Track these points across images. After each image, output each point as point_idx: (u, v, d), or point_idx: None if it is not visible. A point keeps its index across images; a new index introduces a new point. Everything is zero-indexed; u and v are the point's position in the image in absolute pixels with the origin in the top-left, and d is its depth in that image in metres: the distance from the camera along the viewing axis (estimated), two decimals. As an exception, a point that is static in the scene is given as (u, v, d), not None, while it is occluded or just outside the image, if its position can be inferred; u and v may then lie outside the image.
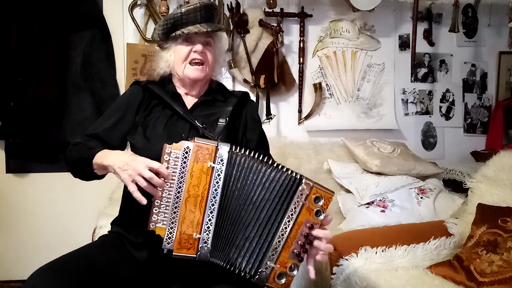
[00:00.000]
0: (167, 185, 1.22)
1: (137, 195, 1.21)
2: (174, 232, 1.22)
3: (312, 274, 1.28)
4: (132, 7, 2.73)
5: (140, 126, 1.48)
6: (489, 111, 3.23)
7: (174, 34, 1.48)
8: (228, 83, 2.86)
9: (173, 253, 1.22)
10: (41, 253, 2.78)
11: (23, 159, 2.81)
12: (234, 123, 1.52)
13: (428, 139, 3.16)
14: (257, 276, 1.26)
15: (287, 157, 2.69)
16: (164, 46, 1.53)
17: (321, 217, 1.26)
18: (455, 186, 2.63)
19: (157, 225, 1.22)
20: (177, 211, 1.22)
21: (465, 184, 2.29)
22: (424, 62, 3.12)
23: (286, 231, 1.25)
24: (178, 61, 1.50)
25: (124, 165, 1.24)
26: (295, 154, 2.74)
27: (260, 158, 1.26)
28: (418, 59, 3.03)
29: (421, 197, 2.47)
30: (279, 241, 1.25)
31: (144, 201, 1.21)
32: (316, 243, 1.26)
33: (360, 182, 2.55)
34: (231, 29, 2.73)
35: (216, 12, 1.55)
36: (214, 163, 1.23)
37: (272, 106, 2.85)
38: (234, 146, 1.26)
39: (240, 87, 2.88)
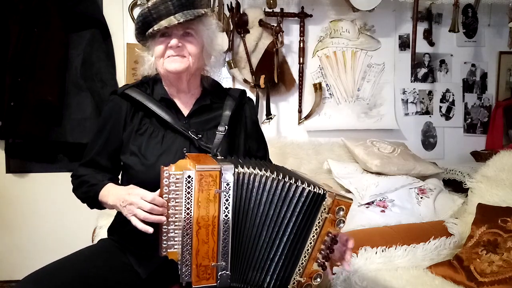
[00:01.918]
0: (172, 209, 1.19)
1: (141, 226, 1.19)
2: (189, 264, 1.18)
3: (331, 276, 1.30)
4: (132, 7, 2.73)
5: (132, 145, 1.38)
6: (489, 111, 3.23)
7: (148, 32, 1.35)
8: (228, 83, 2.86)
9: (193, 286, 1.19)
10: (41, 253, 2.78)
11: (23, 159, 2.81)
12: (234, 130, 1.45)
13: (428, 139, 3.16)
14: None
15: (287, 157, 2.69)
16: (146, 45, 1.42)
17: (342, 225, 1.24)
18: (455, 186, 2.63)
19: (169, 250, 1.20)
20: (189, 243, 1.17)
21: (465, 184, 2.29)
22: (424, 62, 3.12)
23: (311, 245, 1.23)
24: (156, 59, 1.39)
25: (123, 202, 1.24)
26: (295, 154, 2.73)
27: (268, 173, 1.21)
28: (418, 59, 3.03)
29: (421, 197, 2.47)
30: (305, 256, 1.24)
31: (150, 230, 1.19)
32: (347, 255, 1.27)
33: (360, 182, 2.55)
34: (231, 29, 2.73)
35: None
36: (220, 188, 1.17)
37: (272, 106, 2.85)
38: (238, 165, 1.20)
39: (240, 87, 2.87)
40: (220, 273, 1.20)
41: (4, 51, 2.57)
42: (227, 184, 1.18)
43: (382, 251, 1.94)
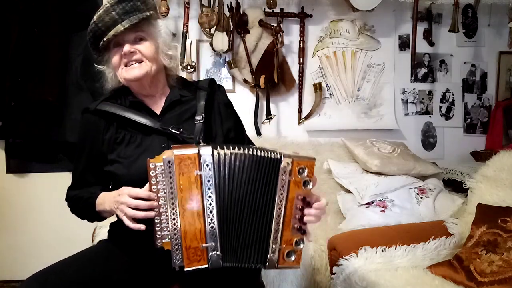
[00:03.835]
0: (162, 199, 1.20)
1: (133, 225, 1.23)
2: (180, 248, 1.21)
3: (310, 238, 1.30)
4: (132, 7, 2.73)
5: (111, 153, 1.40)
6: (489, 111, 3.23)
7: (100, 46, 1.37)
8: (228, 83, 2.86)
9: (185, 269, 1.21)
10: (41, 253, 2.79)
11: (23, 159, 2.82)
12: (210, 117, 1.46)
13: (428, 139, 3.16)
14: (267, 263, 1.27)
15: (287, 157, 2.68)
16: (105, 59, 1.43)
17: (310, 186, 1.27)
18: (455, 186, 2.63)
19: (163, 240, 1.21)
20: (177, 227, 1.20)
21: (465, 184, 2.29)
22: (424, 62, 3.12)
23: (281, 211, 1.26)
24: (115, 70, 1.40)
25: (114, 203, 1.27)
26: (295, 154, 2.73)
27: (241, 150, 1.24)
28: (418, 59, 3.03)
29: (421, 197, 2.47)
30: (277, 223, 1.26)
31: (142, 227, 1.22)
32: (306, 211, 1.28)
33: (360, 182, 2.55)
34: (231, 29, 2.73)
35: (139, 1, 1.37)
36: (200, 170, 1.20)
37: (272, 106, 2.85)
38: (218, 146, 1.23)
39: (240, 87, 2.88)
40: (210, 253, 1.22)
41: (4, 51, 2.57)
42: (207, 165, 1.21)
43: (382, 251, 1.94)
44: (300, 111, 2.95)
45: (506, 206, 1.97)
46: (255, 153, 1.25)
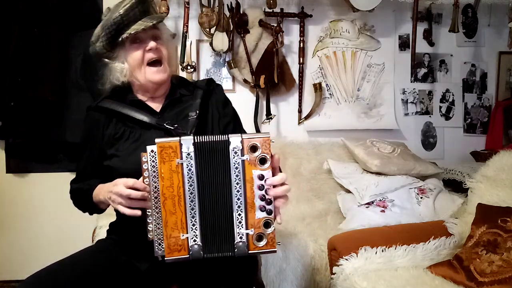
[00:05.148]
0: (152, 191, 1.22)
1: (128, 211, 1.24)
2: (161, 237, 1.21)
3: (279, 220, 1.25)
4: (132, 7, 2.73)
5: (110, 148, 1.44)
6: (489, 111, 3.23)
7: (120, 39, 1.39)
8: (228, 83, 2.86)
9: (165, 258, 1.21)
10: (41, 253, 2.79)
11: (23, 159, 2.82)
12: (206, 113, 1.48)
13: (428, 139, 3.16)
14: (235, 249, 1.23)
15: (287, 157, 2.69)
16: (114, 56, 1.44)
17: (267, 164, 1.23)
18: (455, 186, 2.63)
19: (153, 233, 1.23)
20: (160, 216, 1.21)
21: (465, 184, 2.29)
22: (424, 62, 3.12)
23: (240, 193, 1.22)
24: (135, 67, 1.42)
25: (109, 194, 1.29)
26: (295, 154, 2.74)
27: (217, 138, 1.23)
28: (418, 59, 3.04)
29: (421, 197, 2.47)
30: (238, 206, 1.22)
31: (138, 213, 1.23)
32: (271, 192, 1.23)
33: (360, 182, 2.55)
34: (231, 29, 2.73)
35: (152, 3, 1.47)
36: (181, 159, 1.21)
37: (272, 106, 2.85)
38: (197, 137, 1.23)
39: (240, 87, 2.89)
40: (191, 244, 1.21)
41: (4, 51, 2.57)
42: (188, 154, 1.21)
43: (382, 251, 1.94)
44: (300, 111, 2.95)
45: (506, 206, 1.97)
46: (215, 138, 1.23)
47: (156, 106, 1.49)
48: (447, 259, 1.95)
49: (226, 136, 1.23)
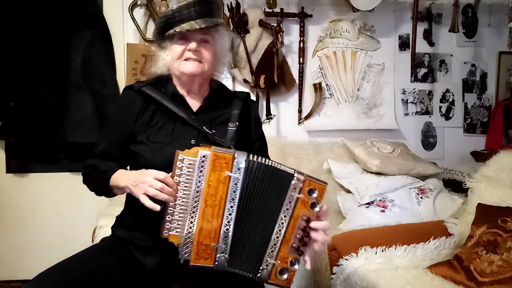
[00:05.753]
0: (180, 192, 1.22)
1: (149, 203, 1.22)
2: (191, 242, 1.22)
3: (308, 265, 1.29)
4: (132, 7, 2.73)
5: (142, 134, 1.43)
6: (489, 111, 3.23)
7: (168, 33, 1.43)
8: (228, 83, 2.86)
9: (190, 263, 1.22)
10: (41, 253, 2.79)
11: (23, 159, 2.81)
12: (243, 127, 1.50)
13: (428, 139, 3.16)
14: (259, 274, 1.26)
15: (287, 157, 2.69)
16: (162, 45, 1.49)
17: (317, 209, 1.27)
18: (455, 186, 2.63)
19: (170, 232, 1.22)
20: (194, 221, 1.21)
21: (465, 184, 2.30)
22: (424, 62, 3.12)
23: (283, 226, 1.25)
24: (174, 59, 1.45)
25: (135, 181, 1.27)
26: (295, 154, 2.74)
27: (267, 162, 1.26)
28: (418, 59, 3.04)
29: (421, 197, 2.47)
30: (277, 237, 1.25)
31: (157, 207, 1.22)
32: (313, 234, 1.27)
33: (360, 182, 2.55)
34: (231, 29, 2.73)
35: (215, 5, 1.48)
36: (231, 172, 1.22)
37: (272, 106, 2.85)
38: (250, 155, 1.25)
39: (240, 87, 2.88)
40: (218, 255, 1.23)
41: (4, 51, 2.57)
42: (238, 169, 1.23)
43: (382, 251, 1.94)
44: (300, 111, 2.95)
45: (506, 206, 1.97)
46: (274, 164, 1.26)
47: (193, 104, 1.49)
48: (447, 259, 1.96)
49: (293, 169, 1.26)
